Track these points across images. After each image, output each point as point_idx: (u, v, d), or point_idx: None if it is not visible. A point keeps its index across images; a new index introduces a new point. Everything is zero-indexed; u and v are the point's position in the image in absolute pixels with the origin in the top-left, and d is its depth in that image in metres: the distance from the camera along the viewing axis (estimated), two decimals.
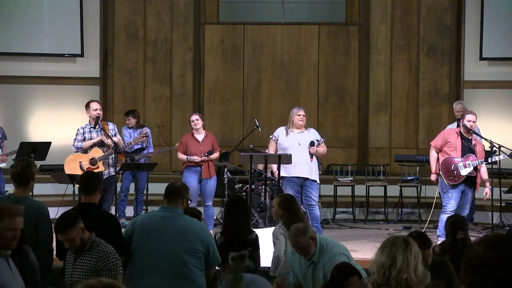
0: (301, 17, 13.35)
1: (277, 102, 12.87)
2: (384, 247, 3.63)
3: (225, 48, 12.92)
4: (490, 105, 12.10)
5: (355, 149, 12.92)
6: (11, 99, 12.51)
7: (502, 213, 9.91)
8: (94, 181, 5.27)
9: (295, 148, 8.64)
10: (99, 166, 8.66)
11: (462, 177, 8.35)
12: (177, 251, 4.94)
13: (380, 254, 3.62)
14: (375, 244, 8.70)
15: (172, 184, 5.26)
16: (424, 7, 12.58)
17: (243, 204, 6.03)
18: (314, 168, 8.75)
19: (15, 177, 5.33)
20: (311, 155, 8.67)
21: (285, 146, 8.71)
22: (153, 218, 5.13)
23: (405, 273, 3.54)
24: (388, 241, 3.66)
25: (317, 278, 5.11)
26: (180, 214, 5.10)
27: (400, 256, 3.56)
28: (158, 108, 12.85)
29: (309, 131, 8.91)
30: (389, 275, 3.55)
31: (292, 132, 8.81)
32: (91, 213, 5.13)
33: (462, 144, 8.45)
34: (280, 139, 8.82)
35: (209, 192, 9.37)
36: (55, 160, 10.77)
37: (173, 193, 5.13)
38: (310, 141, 8.69)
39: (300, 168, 8.62)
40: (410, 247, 3.62)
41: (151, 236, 5.00)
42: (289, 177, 8.64)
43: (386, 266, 3.56)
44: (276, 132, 8.95)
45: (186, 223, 5.08)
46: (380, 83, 12.73)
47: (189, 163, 9.32)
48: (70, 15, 12.41)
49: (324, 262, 5.07)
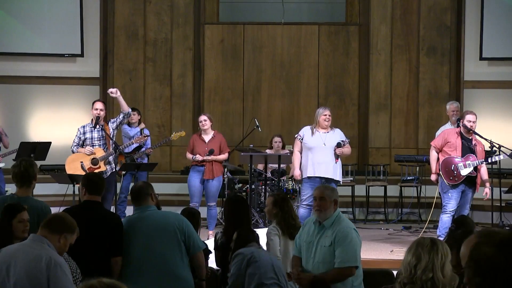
0: (301, 17, 13.36)
1: (277, 102, 12.87)
2: (411, 248, 3.65)
3: (225, 48, 12.92)
4: (490, 105, 12.10)
5: (355, 149, 12.90)
6: (11, 99, 12.51)
7: (502, 213, 9.91)
8: (101, 183, 5.32)
9: (321, 148, 8.54)
10: (100, 166, 8.66)
11: (462, 177, 8.35)
12: (159, 249, 4.99)
13: (407, 254, 3.64)
14: (375, 244, 8.74)
15: (134, 185, 5.40)
16: (424, 7, 12.58)
17: (243, 204, 6.02)
18: (338, 169, 8.65)
19: (18, 177, 5.33)
20: (336, 156, 8.59)
21: (310, 145, 8.62)
22: (130, 222, 5.17)
23: (430, 272, 3.55)
24: (415, 242, 3.68)
25: (321, 245, 5.12)
26: (153, 211, 5.16)
27: (425, 255, 3.58)
28: (158, 108, 12.85)
29: (335, 131, 8.77)
30: (415, 273, 3.56)
31: (318, 132, 8.70)
32: (94, 211, 5.15)
33: (462, 144, 8.45)
34: (305, 138, 8.70)
35: (211, 192, 9.35)
36: (55, 160, 10.78)
37: (138, 195, 5.21)
38: (337, 143, 8.60)
39: (324, 168, 8.52)
40: (436, 247, 3.62)
41: (132, 240, 5.04)
42: (313, 177, 8.58)
43: (412, 265, 3.57)
44: (302, 131, 8.82)
45: (161, 217, 5.15)
46: (380, 83, 12.73)
47: (194, 163, 9.37)
48: (70, 15, 12.41)
49: (337, 230, 5.09)
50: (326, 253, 5.09)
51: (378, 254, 8.20)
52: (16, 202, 4.90)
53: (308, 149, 8.60)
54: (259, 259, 5.00)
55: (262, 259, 5.02)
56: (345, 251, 5.04)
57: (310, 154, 8.57)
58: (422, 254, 3.59)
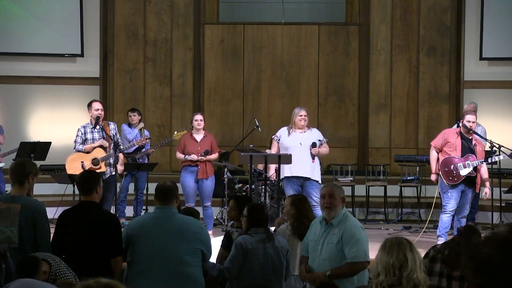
0: (301, 17, 13.35)
1: (277, 102, 12.87)
2: (390, 248, 3.61)
3: (225, 48, 12.91)
4: (490, 105, 12.09)
5: (355, 149, 12.92)
6: (11, 99, 12.51)
7: (502, 213, 9.91)
8: (90, 181, 5.22)
9: (296, 148, 8.64)
10: (101, 167, 8.66)
11: (461, 177, 8.35)
12: (176, 251, 4.95)
13: (387, 255, 3.59)
14: (375, 244, 8.73)
15: (163, 184, 5.23)
16: (424, 7, 12.58)
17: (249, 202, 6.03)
18: (316, 168, 8.73)
19: (11, 176, 5.34)
20: (313, 156, 8.67)
21: (287, 145, 8.72)
22: (150, 220, 5.13)
23: (414, 273, 3.54)
24: (393, 242, 3.64)
25: (328, 242, 5.15)
26: (175, 214, 5.11)
27: (410, 255, 3.56)
28: (158, 108, 12.85)
29: (312, 131, 8.90)
30: (401, 275, 3.54)
31: (294, 132, 8.81)
32: (91, 212, 5.13)
33: (462, 144, 8.46)
34: (282, 139, 8.83)
35: (206, 192, 9.36)
36: (55, 160, 10.78)
37: (166, 194, 5.12)
38: (312, 142, 8.68)
39: (301, 167, 8.61)
40: (414, 247, 3.62)
41: (149, 238, 4.99)
42: (290, 177, 8.64)
43: (396, 267, 3.55)
44: (278, 132, 8.97)
45: (183, 222, 5.09)
46: (380, 83, 12.73)
47: (186, 163, 9.33)
48: (70, 15, 12.41)
49: (344, 227, 5.12)
50: (333, 250, 5.12)
51: None
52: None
53: (284, 149, 8.69)
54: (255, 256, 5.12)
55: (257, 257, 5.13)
56: (357, 248, 5.07)
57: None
58: (407, 254, 3.57)
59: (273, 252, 5.23)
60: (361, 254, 5.08)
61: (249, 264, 5.17)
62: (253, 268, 5.18)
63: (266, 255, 5.20)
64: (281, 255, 5.27)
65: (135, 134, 10.45)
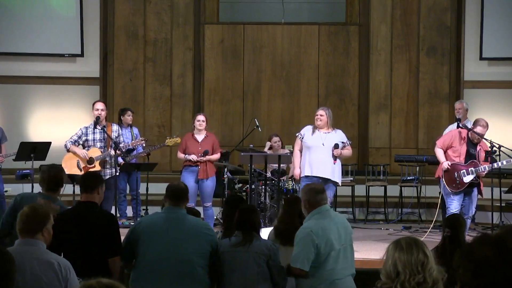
0: (301, 17, 13.35)
1: (277, 102, 12.86)
2: (408, 247, 3.56)
3: (225, 48, 12.91)
4: (490, 105, 12.09)
5: (355, 149, 12.86)
6: (11, 99, 12.51)
7: (502, 213, 9.89)
8: (94, 179, 5.29)
9: (319, 148, 8.51)
10: (95, 166, 8.68)
11: (465, 184, 8.39)
12: (185, 252, 4.96)
13: (406, 254, 3.54)
14: (375, 244, 8.73)
15: (175, 185, 5.25)
16: (424, 7, 12.58)
17: (243, 203, 6.01)
18: (336, 169, 8.60)
19: (51, 182, 5.56)
20: (335, 157, 8.56)
21: (309, 145, 8.58)
22: (162, 220, 5.11)
23: (434, 269, 3.53)
24: (409, 241, 3.59)
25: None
26: (185, 215, 5.13)
27: (428, 252, 3.55)
28: (158, 108, 12.85)
29: (336, 132, 8.72)
30: (424, 272, 3.51)
31: (318, 131, 8.68)
32: (90, 212, 5.13)
33: (467, 151, 8.46)
34: (305, 137, 8.66)
35: (207, 193, 9.35)
36: (55, 160, 10.69)
37: (180, 195, 5.15)
38: (335, 144, 8.58)
39: (321, 168, 8.48)
40: (422, 243, 3.61)
41: (158, 238, 5.00)
42: (310, 176, 8.54)
43: (419, 264, 3.51)
44: (303, 130, 8.78)
45: (193, 223, 5.12)
46: (380, 83, 12.72)
47: (187, 163, 9.33)
48: (70, 15, 12.41)
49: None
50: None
51: (378, 254, 8.18)
52: None
53: (307, 148, 8.59)
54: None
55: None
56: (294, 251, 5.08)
57: (308, 153, 8.56)
58: (426, 252, 3.56)
59: (244, 257, 5.06)
60: (294, 257, 5.07)
61: (222, 269, 5.09)
62: (224, 273, 5.08)
63: (236, 260, 5.07)
64: (254, 261, 5.04)
65: (127, 134, 10.38)
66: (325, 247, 5.02)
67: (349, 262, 5.22)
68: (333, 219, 5.20)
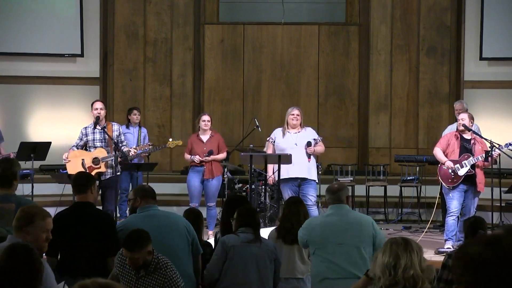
0: (301, 17, 13.34)
1: (277, 102, 12.86)
2: (385, 249, 3.64)
3: (225, 48, 12.91)
4: (490, 105, 12.09)
5: (355, 149, 12.92)
6: (11, 99, 12.50)
7: (502, 213, 9.90)
8: (84, 179, 5.30)
9: (292, 149, 8.60)
10: (101, 167, 8.65)
11: (460, 177, 8.40)
12: (172, 245, 5.04)
13: (382, 256, 3.62)
14: None
15: (144, 185, 5.70)
16: (424, 7, 12.57)
17: (245, 203, 6.02)
18: (312, 168, 8.71)
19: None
20: (309, 155, 8.64)
21: (282, 147, 8.68)
22: (141, 218, 5.16)
23: (411, 270, 3.55)
24: (388, 243, 3.68)
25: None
26: (160, 210, 5.31)
27: (403, 254, 3.57)
28: (158, 108, 12.85)
29: (306, 130, 8.86)
30: (396, 274, 3.55)
31: (289, 132, 8.78)
32: (86, 212, 5.14)
33: (461, 145, 8.52)
34: (277, 140, 8.79)
35: (211, 192, 9.37)
36: (55, 160, 10.76)
37: (154, 194, 5.36)
38: (307, 142, 8.66)
39: (297, 168, 8.57)
40: (410, 244, 3.63)
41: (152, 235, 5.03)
42: (287, 178, 8.60)
43: (390, 266, 3.56)
44: (273, 133, 8.92)
45: (170, 215, 5.33)
46: (380, 83, 12.72)
47: (193, 163, 9.37)
48: (70, 15, 12.41)
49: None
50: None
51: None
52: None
53: (280, 151, 8.64)
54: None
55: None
56: None
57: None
58: (399, 253, 3.59)
59: (259, 253, 5.21)
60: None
61: (231, 263, 5.16)
62: (235, 266, 5.16)
63: (250, 254, 5.18)
64: (267, 258, 5.24)
65: (135, 134, 10.41)
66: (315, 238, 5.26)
67: (353, 261, 5.16)
68: (342, 218, 5.29)
